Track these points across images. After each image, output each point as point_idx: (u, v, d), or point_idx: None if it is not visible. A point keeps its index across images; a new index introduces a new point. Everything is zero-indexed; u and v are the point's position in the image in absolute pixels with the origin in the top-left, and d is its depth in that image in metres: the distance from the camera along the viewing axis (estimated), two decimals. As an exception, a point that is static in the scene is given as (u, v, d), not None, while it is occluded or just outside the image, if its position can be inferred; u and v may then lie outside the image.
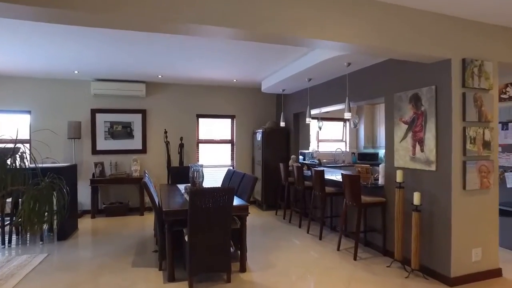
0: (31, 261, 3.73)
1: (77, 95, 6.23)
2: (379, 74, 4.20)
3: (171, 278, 3.27)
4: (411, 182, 3.63)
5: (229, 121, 7.29)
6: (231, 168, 7.10)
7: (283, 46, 4.21)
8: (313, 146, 7.65)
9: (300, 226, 5.32)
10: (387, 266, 3.67)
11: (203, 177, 3.99)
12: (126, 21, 2.26)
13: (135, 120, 6.55)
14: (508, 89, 4.58)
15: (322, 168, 5.62)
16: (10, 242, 4.43)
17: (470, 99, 3.19)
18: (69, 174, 4.89)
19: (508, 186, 4.17)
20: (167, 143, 6.49)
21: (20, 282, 3.24)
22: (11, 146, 2.31)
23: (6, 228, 4.48)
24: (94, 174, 6.10)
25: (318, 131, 7.89)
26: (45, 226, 3.83)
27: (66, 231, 4.70)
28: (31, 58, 4.74)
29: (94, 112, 6.31)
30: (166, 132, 6.54)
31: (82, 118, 6.24)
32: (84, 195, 6.15)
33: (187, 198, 3.67)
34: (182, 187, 4.67)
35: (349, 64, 4.25)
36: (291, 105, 6.80)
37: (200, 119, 7.06)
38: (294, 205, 5.77)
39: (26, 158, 2.33)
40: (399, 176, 3.59)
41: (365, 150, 8.07)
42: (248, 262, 3.76)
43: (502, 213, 4.01)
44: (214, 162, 7.14)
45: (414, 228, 3.36)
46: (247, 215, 3.54)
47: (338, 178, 5.02)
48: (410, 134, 3.65)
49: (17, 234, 4.75)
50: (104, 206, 6.18)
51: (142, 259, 3.90)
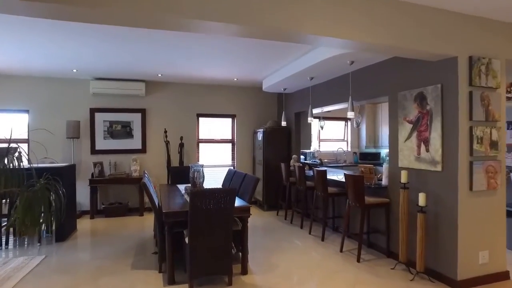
0: (28, 263, 3.66)
1: (76, 94, 6.15)
2: (383, 73, 4.12)
3: (171, 281, 3.21)
4: (416, 183, 3.56)
5: (229, 120, 7.22)
6: (232, 168, 7.03)
7: (285, 44, 4.14)
8: (314, 146, 7.57)
9: (302, 227, 5.25)
10: (391, 268, 3.60)
11: (204, 177, 3.92)
12: (126, 16, 2.20)
13: (135, 119, 6.48)
14: (513, 88, 4.52)
15: (324, 168, 5.55)
16: (7, 243, 4.36)
17: (477, 98, 3.11)
18: (67, 174, 4.83)
19: (514, 186, 4.11)
20: (167, 143, 6.42)
21: (16, 285, 3.16)
22: (7, 146, 2.24)
23: (3, 229, 4.41)
24: (93, 174, 6.03)
25: (319, 131, 7.81)
26: (43, 227, 3.77)
27: (64, 232, 4.63)
28: (29, 57, 4.66)
29: (93, 111, 6.24)
30: (166, 131, 6.47)
31: (81, 117, 6.17)
32: (83, 196, 6.07)
33: (188, 199, 3.59)
34: (182, 188, 4.60)
35: (352, 62, 4.18)
36: (293, 104, 6.73)
37: (200, 119, 6.99)
38: (295, 205, 5.70)
39: (21, 158, 2.26)
40: (404, 176, 3.52)
41: (366, 150, 7.99)
42: (249, 264, 3.69)
43: (510, 214, 3.94)
44: (215, 162, 7.07)
45: (419, 229, 3.29)
46: (249, 217, 3.47)
47: (340, 178, 4.95)
48: (415, 134, 3.58)
49: (14, 236, 4.68)
50: (103, 206, 6.11)
51: (141, 261, 3.83)
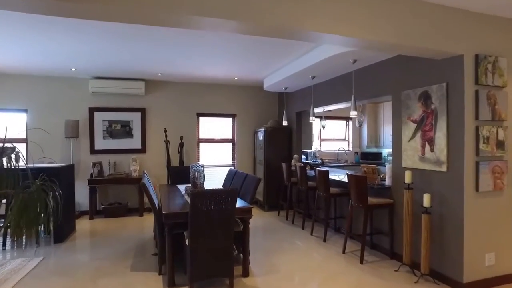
0: (26, 265, 3.59)
1: (74, 93, 6.09)
2: (386, 71, 4.06)
3: (171, 283, 3.14)
4: (420, 183, 3.50)
5: (230, 120, 7.16)
6: (233, 168, 6.97)
7: (286, 43, 4.07)
8: (315, 146, 7.51)
9: (303, 228, 5.19)
10: (395, 270, 3.54)
11: (204, 177, 3.86)
12: (125, 13, 2.13)
13: (134, 119, 6.41)
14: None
15: (326, 168, 5.49)
16: (4, 245, 4.29)
17: (483, 97, 3.05)
18: (66, 174, 4.76)
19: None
20: (167, 143, 6.36)
21: (13, 287, 3.10)
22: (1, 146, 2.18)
23: (1, 231, 4.35)
24: (92, 174, 5.96)
25: (320, 130, 7.75)
26: (41, 228, 3.70)
27: (63, 233, 4.56)
28: (27, 55, 4.59)
29: (92, 110, 6.17)
30: (166, 131, 6.40)
31: (80, 116, 6.10)
32: (82, 196, 6.01)
33: (188, 200, 3.53)
34: (182, 188, 4.54)
35: (355, 61, 4.12)
36: (294, 103, 6.67)
37: (200, 118, 6.93)
38: (296, 205, 5.64)
39: (19, 158, 2.19)
40: (408, 176, 3.47)
41: (368, 150, 7.93)
42: (250, 266, 3.63)
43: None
44: (215, 162, 7.01)
45: (424, 231, 3.23)
46: (250, 218, 3.41)
47: (341, 178, 4.89)
48: (419, 134, 3.52)
49: (11, 237, 4.61)
50: (102, 207, 6.04)
51: (141, 263, 3.77)
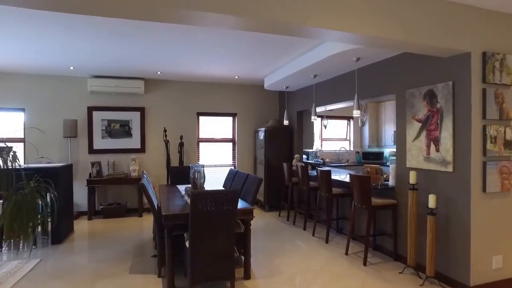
0: (22, 267, 3.51)
1: (73, 92, 6.01)
2: (390, 70, 3.98)
3: (171, 286, 3.07)
4: (425, 184, 3.43)
5: (230, 119, 7.08)
6: (233, 168, 6.90)
7: (288, 41, 4.00)
8: (316, 145, 7.44)
9: (305, 229, 5.11)
10: (400, 273, 3.47)
11: (205, 178, 3.78)
12: (123, 8, 2.05)
13: (134, 118, 6.33)
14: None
15: (329, 168, 5.42)
16: (0, 246, 4.20)
17: (490, 96, 2.98)
18: (64, 174, 4.69)
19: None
20: (167, 142, 6.29)
21: (9, 291, 3.04)
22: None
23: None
24: (91, 174, 5.88)
25: (321, 130, 7.68)
26: (37, 230, 3.62)
27: (61, 234, 4.48)
28: (24, 53, 4.51)
29: (90, 109, 6.09)
30: (165, 130, 6.33)
31: (78, 116, 6.02)
32: (80, 196, 5.94)
33: (188, 201, 3.46)
34: (182, 188, 4.47)
35: (358, 59, 4.04)
36: (295, 102, 6.59)
37: (200, 117, 6.85)
38: (298, 206, 5.56)
39: (16, 158, 2.12)
40: (413, 177, 3.39)
41: (369, 149, 7.85)
42: (252, 268, 3.55)
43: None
44: (215, 162, 6.93)
45: (429, 232, 3.16)
46: (252, 219, 3.33)
47: (343, 178, 4.82)
48: (424, 133, 3.45)
49: (5, 240, 4.52)
50: (101, 207, 5.96)
51: (140, 265, 3.70)
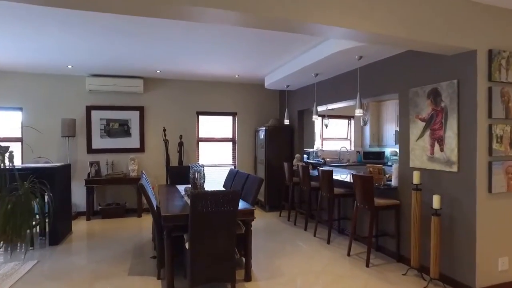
0: (19, 269, 3.44)
1: (71, 91, 5.94)
2: (393, 68, 3.92)
3: (171, 289, 3.02)
4: (429, 184, 3.37)
5: (230, 118, 7.01)
6: (233, 167, 6.84)
7: (289, 39, 3.94)
8: (317, 145, 7.38)
9: (306, 229, 5.06)
10: (403, 274, 3.42)
11: (205, 178, 3.72)
12: (123, 3, 1.98)
13: (133, 117, 6.27)
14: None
15: (330, 168, 5.36)
16: (-2, 247, 4.15)
17: (496, 94, 2.92)
18: (62, 174, 4.62)
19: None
20: (166, 142, 6.22)
21: (5, 293, 2.98)
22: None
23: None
24: (89, 174, 5.82)
25: (322, 129, 7.62)
26: (33, 231, 3.56)
27: (58, 235, 4.40)
28: (22, 52, 4.44)
29: (89, 109, 6.02)
30: (165, 130, 6.27)
31: (77, 115, 5.95)
32: (79, 196, 5.87)
33: (188, 201, 3.40)
34: (182, 188, 4.40)
35: (360, 57, 3.98)
36: (295, 101, 6.53)
37: (200, 117, 6.78)
38: (298, 206, 5.51)
39: (7, 158, 2.06)
40: (416, 177, 3.33)
41: (370, 149, 7.79)
42: (253, 270, 3.50)
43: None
44: (215, 161, 6.87)
45: (434, 233, 3.10)
46: (253, 220, 3.27)
47: (344, 178, 4.77)
48: (428, 132, 3.39)
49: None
50: (100, 207, 5.89)
51: (139, 266, 3.64)
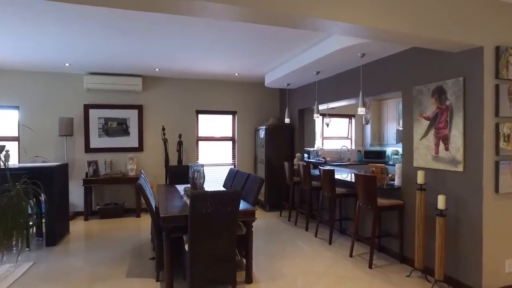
0: (14, 271, 3.35)
1: (68, 90, 5.85)
2: (397, 66, 3.85)
3: (170, 291, 2.95)
4: (433, 184, 3.31)
5: (230, 117, 6.94)
6: (233, 167, 6.77)
7: (290, 37, 3.86)
8: (317, 144, 7.31)
9: (307, 229, 4.99)
10: (407, 276, 3.35)
11: (205, 178, 3.65)
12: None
13: (131, 116, 6.19)
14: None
15: (332, 167, 5.29)
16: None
17: (504, 92, 2.85)
18: (59, 174, 4.54)
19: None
20: (165, 141, 6.15)
21: (0, 296, 2.91)
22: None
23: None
24: (87, 174, 5.74)
25: (322, 128, 7.55)
26: (30, 232, 3.49)
27: (55, 236, 4.32)
28: (18, 49, 4.35)
29: (87, 107, 5.94)
30: (164, 129, 6.19)
31: (75, 114, 5.87)
32: (76, 196, 5.79)
33: (187, 202, 3.33)
34: (181, 188, 4.33)
35: (363, 55, 3.91)
36: (296, 100, 6.46)
37: (199, 115, 6.70)
38: (299, 206, 5.44)
39: (3, 158, 1.98)
40: (421, 177, 3.27)
41: (371, 148, 7.73)
42: (254, 271, 3.43)
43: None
44: (214, 161, 6.80)
45: (439, 234, 3.03)
46: (254, 221, 3.20)
47: (344, 177, 4.70)
48: (432, 131, 3.32)
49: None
50: (98, 207, 5.82)
51: (138, 268, 3.57)
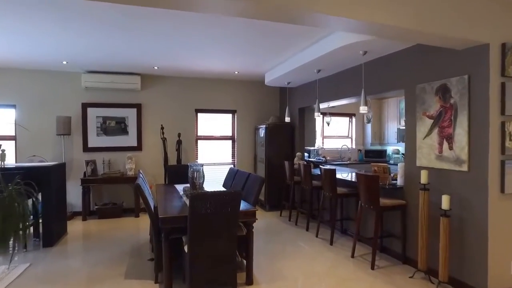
0: (9, 273, 3.29)
1: (66, 88, 5.78)
2: (399, 64, 3.79)
3: (169, 293, 2.89)
4: (437, 184, 3.25)
5: (229, 116, 6.87)
6: (233, 166, 6.71)
7: (290, 34, 3.79)
8: (318, 143, 7.25)
9: (307, 229, 4.94)
10: (410, 277, 3.30)
11: (204, 177, 3.59)
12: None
13: (130, 115, 6.12)
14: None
15: (333, 166, 5.24)
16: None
17: (510, 90, 2.79)
18: (57, 173, 4.47)
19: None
20: (164, 140, 6.08)
21: (-5, 299, 2.84)
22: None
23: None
24: (85, 173, 5.67)
25: (323, 127, 7.49)
26: (27, 232, 3.42)
27: (53, 236, 4.26)
28: (14, 47, 4.28)
29: (85, 106, 5.87)
30: (162, 128, 6.12)
31: (72, 113, 5.80)
32: (74, 196, 5.73)
33: (186, 202, 3.27)
34: (180, 188, 4.27)
35: (365, 52, 3.85)
36: (296, 99, 6.40)
37: (199, 114, 6.64)
38: (299, 206, 5.38)
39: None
40: (424, 176, 3.21)
41: (372, 147, 7.68)
42: (254, 273, 3.36)
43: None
44: (214, 160, 6.73)
45: (443, 235, 2.98)
46: (254, 221, 3.14)
47: (345, 176, 4.65)
48: (436, 130, 3.26)
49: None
50: (96, 207, 5.76)
51: (136, 269, 3.51)
